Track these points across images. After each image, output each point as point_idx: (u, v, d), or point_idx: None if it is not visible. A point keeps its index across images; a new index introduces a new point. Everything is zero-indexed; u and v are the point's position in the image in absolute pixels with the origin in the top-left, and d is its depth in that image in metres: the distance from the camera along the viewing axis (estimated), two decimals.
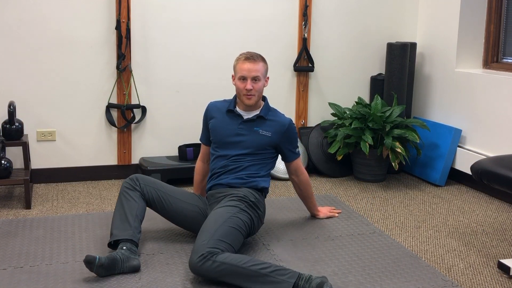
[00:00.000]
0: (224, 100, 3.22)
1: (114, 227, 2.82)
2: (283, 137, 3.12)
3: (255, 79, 3.00)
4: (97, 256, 2.58)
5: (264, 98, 3.17)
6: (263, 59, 3.07)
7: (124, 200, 2.89)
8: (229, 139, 3.09)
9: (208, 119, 3.20)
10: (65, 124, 4.13)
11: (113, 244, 2.81)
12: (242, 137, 3.08)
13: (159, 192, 2.98)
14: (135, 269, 2.68)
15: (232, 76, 3.11)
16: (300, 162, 3.27)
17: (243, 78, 3.01)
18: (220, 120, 3.14)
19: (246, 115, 3.11)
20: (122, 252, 2.67)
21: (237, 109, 3.12)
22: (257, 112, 3.12)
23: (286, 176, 3.44)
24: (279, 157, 3.25)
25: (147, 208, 2.98)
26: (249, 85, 2.99)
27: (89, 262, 2.57)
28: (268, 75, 3.12)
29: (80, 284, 2.58)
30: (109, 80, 4.16)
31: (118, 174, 4.28)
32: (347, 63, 4.68)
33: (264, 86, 3.08)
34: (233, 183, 3.02)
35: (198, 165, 3.33)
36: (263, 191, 3.09)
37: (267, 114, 3.12)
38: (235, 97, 3.16)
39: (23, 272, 2.69)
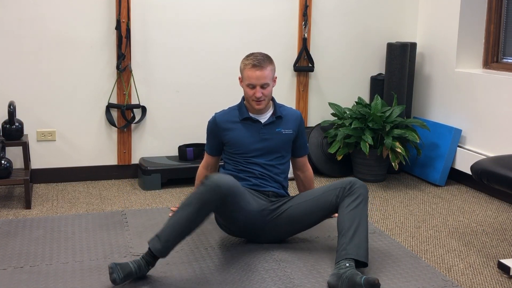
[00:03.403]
0: (230, 109, 3.15)
1: (168, 238, 2.57)
2: (298, 129, 3.15)
3: (264, 86, 2.97)
4: (117, 281, 2.48)
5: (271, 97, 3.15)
6: (270, 61, 3.01)
7: (197, 219, 2.62)
8: (254, 146, 3.05)
9: (220, 132, 3.10)
10: (65, 124, 4.13)
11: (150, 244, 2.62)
12: (267, 142, 3.06)
13: (234, 206, 2.77)
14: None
15: (239, 78, 3.07)
16: (307, 159, 3.28)
17: (252, 86, 2.97)
18: (238, 130, 3.07)
19: (263, 118, 3.09)
20: (143, 273, 2.58)
21: (251, 114, 3.08)
22: (270, 112, 3.10)
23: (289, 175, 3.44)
24: None
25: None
26: (258, 93, 2.96)
27: (111, 277, 2.50)
28: (276, 75, 3.08)
29: (80, 284, 2.58)
30: (109, 80, 4.16)
31: (118, 174, 4.28)
32: (347, 63, 4.68)
33: (273, 87, 3.06)
34: (278, 192, 3.07)
35: (201, 172, 3.25)
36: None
37: (281, 111, 3.12)
38: (242, 102, 3.12)
39: (23, 272, 2.69)
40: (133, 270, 2.55)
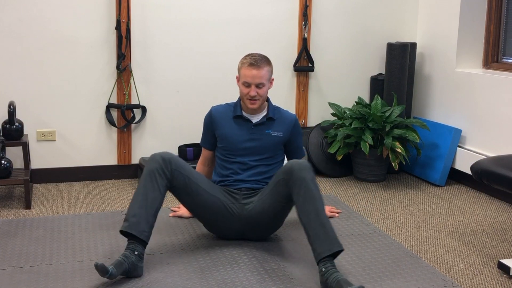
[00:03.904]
0: (227, 104, 3.20)
1: (132, 214, 2.69)
2: (291, 133, 3.15)
3: (259, 85, 2.99)
4: (110, 271, 2.49)
5: (267, 99, 3.16)
6: (267, 62, 3.05)
7: (150, 186, 2.76)
8: (242, 145, 3.08)
9: (213, 126, 3.16)
10: (65, 124, 4.13)
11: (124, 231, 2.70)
12: (255, 142, 3.08)
13: (188, 179, 2.89)
14: (137, 277, 2.66)
15: (237, 77, 3.10)
16: None
17: (247, 84, 3.00)
18: (229, 127, 3.11)
19: (255, 119, 3.11)
20: (132, 260, 2.61)
21: (244, 113, 3.11)
22: (263, 113, 3.11)
23: None
24: None
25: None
26: (253, 92, 2.99)
27: (101, 271, 2.50)
28: (272, 77, 3.11)
29: (80, 284, 2.58)
30: (109, 80, 4.16)
31: (118, 174, 4.28)
32: (347, 63, 4.68)
33: (268, 88, 3.08)
34: (253, 187, 3.06)
35: (199, 168, 3.30)
36: None
37: (274, 113, 3.13)
38: (239, 100, 3.14)
39: (23, 272, 2.69)
40: (121, 259, 2.58)
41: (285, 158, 3.29)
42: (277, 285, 2.61)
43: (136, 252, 2.64)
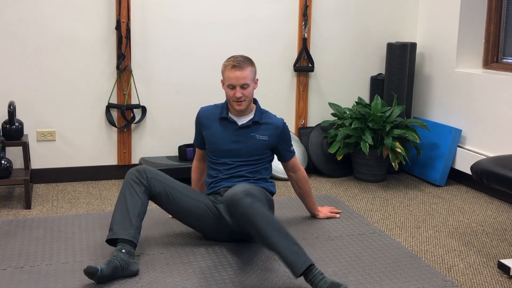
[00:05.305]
0: (215, 105, 3.21)
1: (115, 223, 2.76)
2: (278, 139, 3.14)
3: (243, 86, 3.00)
4: (99, 268, 2.53)
5: (255, 101, 3.17)
6: (250, 63, 3.05)
7: (128, 194, 2.83)
8: (226, 146, 3.09)
9: (201, 126, 3.19)
10: (65, 124, 4.13)
11: (110, 240, 2.77)
12: (239, 144, 3.08)
13: (166, 186, 2.94)
14: (134, 274, 2.67)
15: (221, 80, 3.11)
16: (297, 159, 3.28)
17: (232, 87, 3.01)
18: (214, 128, 3.13)
19: (240, 121, 3.11)
20: (122, 257, 2.64)
21: (230, 115, 3.12)
22: (250, 116, 3.12)
23: (286, 176, 3.45)
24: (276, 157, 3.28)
25: (150, 202, 2.96)
26: (238, 93, 3.00)
27: (91, 274, 2.53)
28: (257, 77, 3.11)
29: (80, 284, 2.58)
30: (109, 80, 4.16)
31: (118, 174, 4.28)
32: (347, 63, 4.68)
33: (254, 89, 3.08)
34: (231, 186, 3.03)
35: (195, 164, 3.34)
36: (272, 195, 3.15)
37: (261, 117, 3.13)
38: (226, 102, 3.15)
39: (23, 272, 2.69)
40: (109, 258, 2.62)
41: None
42: (277, 285, 2.61)
43: (123, 250, 2.67)
